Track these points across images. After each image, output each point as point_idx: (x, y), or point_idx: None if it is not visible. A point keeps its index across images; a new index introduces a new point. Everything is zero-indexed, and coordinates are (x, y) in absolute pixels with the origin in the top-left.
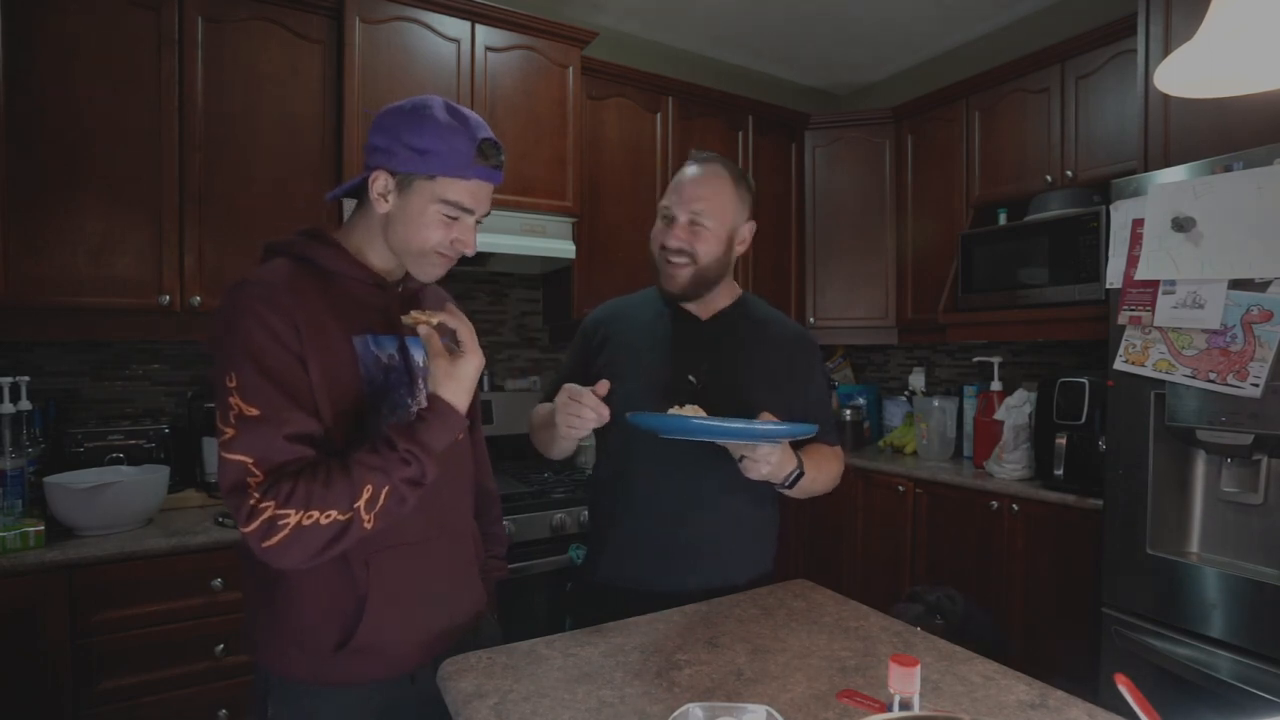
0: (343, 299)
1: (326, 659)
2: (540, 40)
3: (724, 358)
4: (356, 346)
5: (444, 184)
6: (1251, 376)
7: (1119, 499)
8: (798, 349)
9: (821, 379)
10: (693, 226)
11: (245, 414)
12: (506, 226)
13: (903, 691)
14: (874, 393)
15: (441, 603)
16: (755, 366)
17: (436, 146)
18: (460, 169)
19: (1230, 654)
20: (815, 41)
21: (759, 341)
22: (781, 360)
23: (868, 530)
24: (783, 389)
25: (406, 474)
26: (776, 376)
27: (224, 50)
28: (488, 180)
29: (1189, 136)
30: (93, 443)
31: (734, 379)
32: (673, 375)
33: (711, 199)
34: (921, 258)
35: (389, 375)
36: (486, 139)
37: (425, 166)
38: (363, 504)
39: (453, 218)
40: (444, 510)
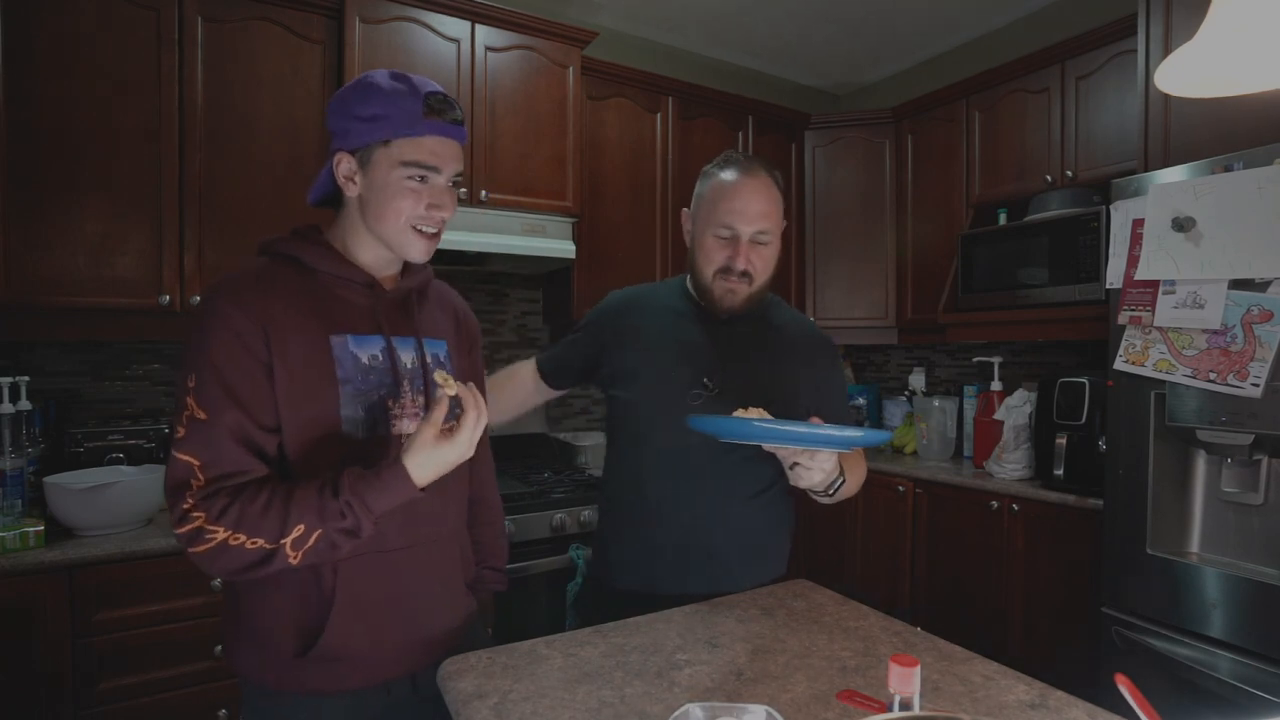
0: (325, 298)
1: (289, 664)
2: (540, 40)
3: (743, 361)
4: (334, 347)
5: (399, 146)
6: (1251, 376)
7: (1119, 499)
8: (818, 353)
9: (841, 379)
10: (759, 246)
11: (196, 416)
12: (506, 226)
13: (903, 691)
14: (874, 393)
15: (419, 615)
16: (775, 370)
17: (384, 110)
18: (411, 126)
19: (1230, 654)
20: (815, 41)
21: (779, 344)
22: (802, 364)
23: (868, 530)
24: (803, 394)
25: (341, 525)
26: (797, 381)
27: (224, 50)
28: (445, 135)
29: (1189, 136)
30: (93, 443)
31: (752, 383)
32: (689, 377)
33: (772, 214)
34: (921, 258)
35: (369, 376)
36: (433, 93)
37: (378, 133)
38: (289, 541)
39: (419, 179)
40: (426, 520)
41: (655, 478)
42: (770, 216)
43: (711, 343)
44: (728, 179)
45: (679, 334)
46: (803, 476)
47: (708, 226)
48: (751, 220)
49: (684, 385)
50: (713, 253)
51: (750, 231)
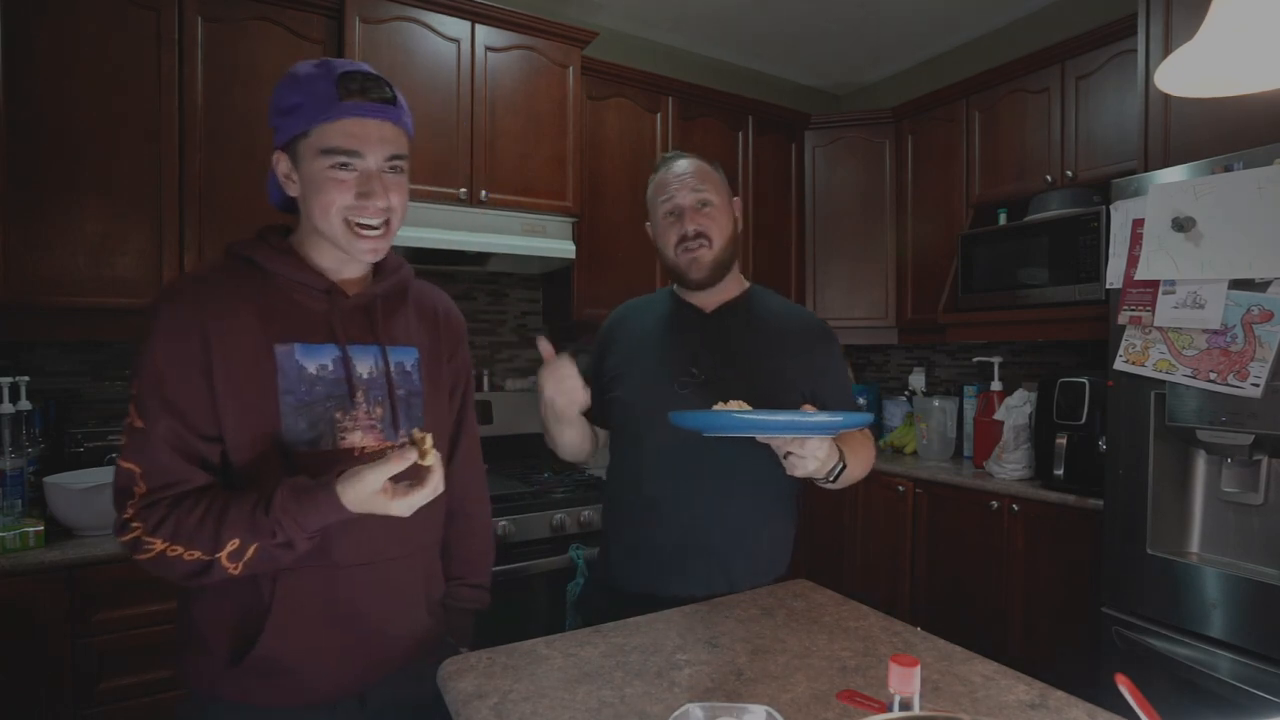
0: (280, 303)
1: (224, 672)
2: (540, 40)
3: (730, 349)
4: (278, 356)
5: (317, 134)
6: (1252, 376)
7: (1119, 499)
8: (810, 338)
9: (840, 365)
10: (703, 209)
11: (134, 424)
12: (506, 226)
13: (903, 691)
14: (874, 393)
15: (371, 633)
16: (763, 358)
17: (300, 99)
18: (325, 110)
19: (1230, 654)
20: (815, 41)
21: (767, 332)
22: (792, 351)
23: (868, 530)
24: (795, 381)
25: (274, 541)
26: (787, 367)
27: (224, 50)
28: (366, 116)
29: (1189, 136)
30: (93, 443)
31: (741, 371)
32: (675, 369)
33: (706, 179)
34: (921, 258)
35: (315, 387)
36: (349, 72)
37: (297, 123)
38: (225, 554)
39: (342, 167)
40: (385, 537)
41: (654, 476)
42: (704, 179)
43: (697, 333)
44: (659, 174)
45: (666, 330)
46: (797, 465)
47: (657, 215)
48: (686, 186)
49: (672, 376)
50: (667, 232)
51: (690, 199)
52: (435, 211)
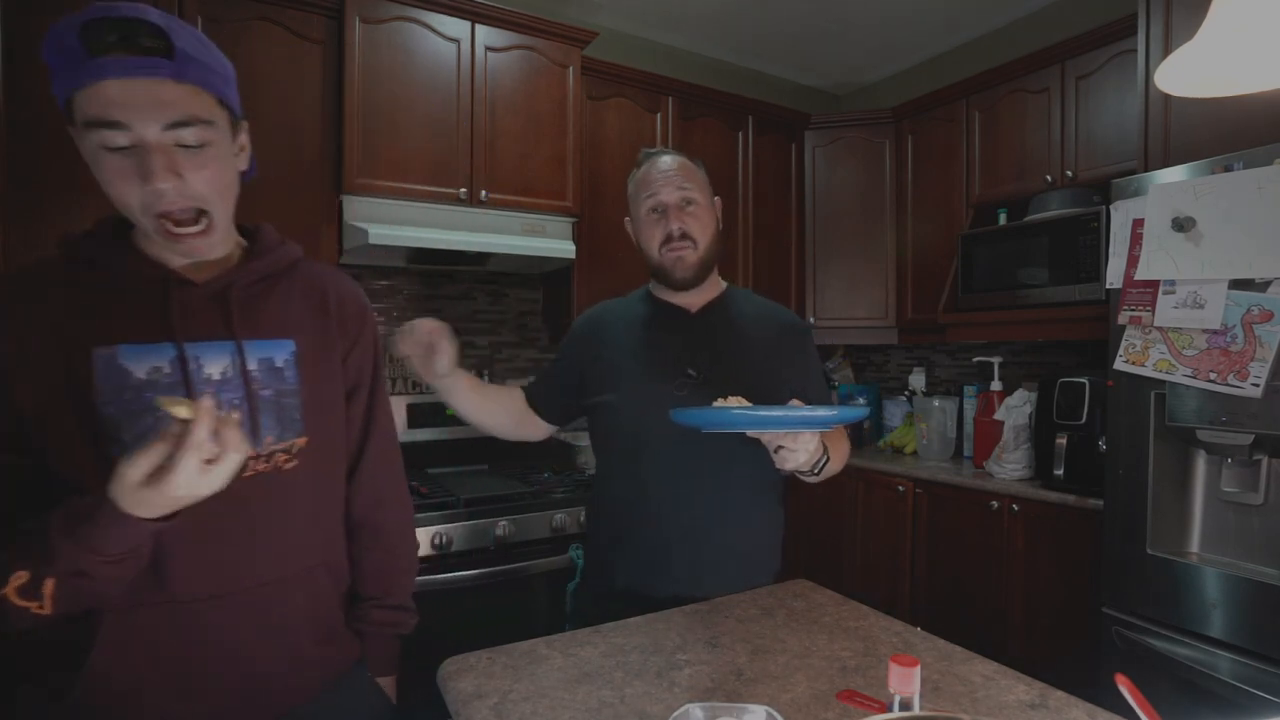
0: (103, 300)
1: (48, 710)
2: (540, 40)
3: (720, 349)
4: (96, 362)
5: (77, 104)
6: (1252, 376)
7: (1119, 499)
8: (791, 335)
9: (817, 362)
10: (687, 207)
11: None
12: (506, 226)
13: (903, 691)
14: (874, 393)
15: (239, 675)
16: (752, 355)
17: (52, 60)
18: (75, 72)
19: (1230, 654)
20: (815, 41)
21: (752, 330)
22: (776, 348)
23: (868, 530)
24: (782, 376)
25: (69, 570)
26: (773, 364)
27: (224, 50)
28: (127, 74)
29: (1189, 136)
30: None
31: (733, 369)
32: (671, 370)
33: (690, 177)
34: (921, 258)
35: (142, 395)
36: (94, 20)
37: (58, 93)
38: (13, 589)
39: (111, 148)
40: (236, 560)
41: (656, 480)
42: (689, 177)
43: (686, 334)
44: (642, 169)
45: (653, 332)
46: (788, 459)
47: (640, 213)
48: (670, 185)
49: (668, 377)
50: (652, 231)
51: (675, 197)
52: (435, 211)
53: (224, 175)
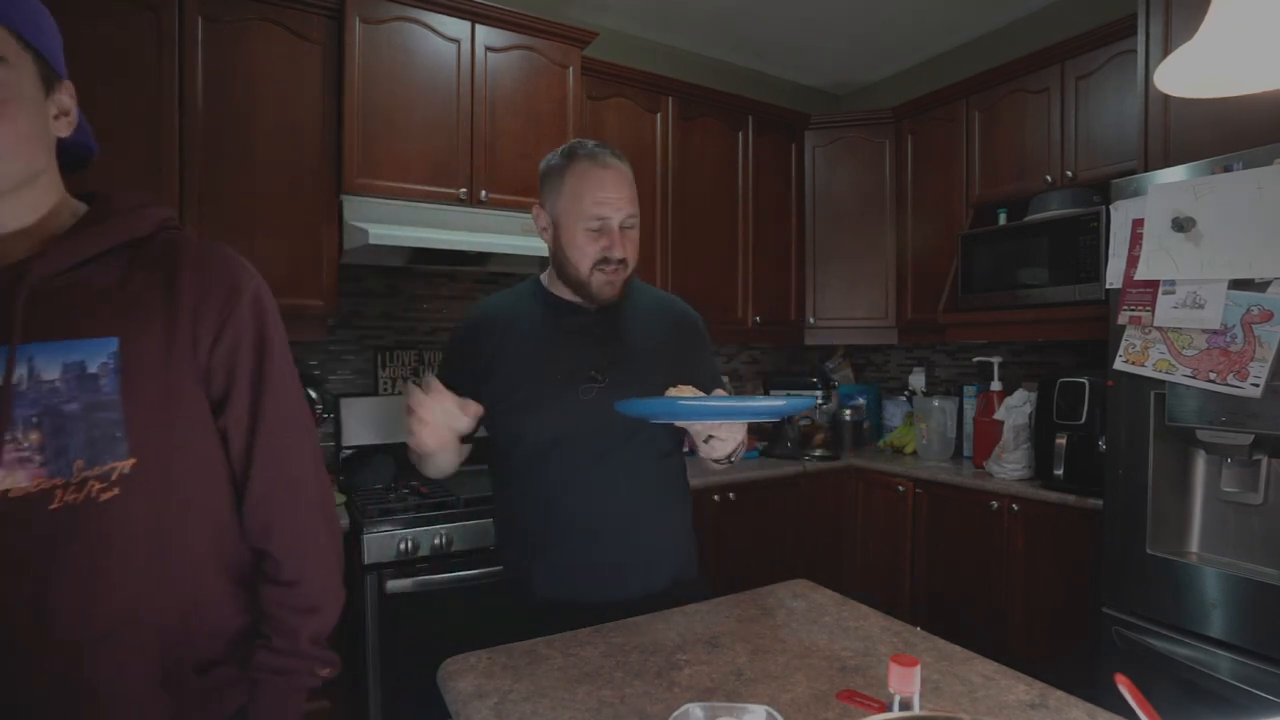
0: None
1: None
2: (540, 40)
3: (622, 347)
4: None
5: None
6: (1251, 376)
7: (1119, 499)
8: (686, 328)
9: (712, 356)
10: (628, 230)
11: None
12: (506, 226)
13: (903, 691)
14: (874, 393)
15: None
16: (653, 351)
17: None
18: None
19: (1230, 654)
20: (815, 41)
21: (650, 325)
22: (674, 341)
23: (868, 530)
24: (681, 370)
25: None
26: (673, 358)
27: (224, 50)
28: None
29: (1189, 136)
30: None
31: (636, 370)
32: (575, 374)
33: (634, 198)
34: (921, 258)
35: None
36: None
37: None
38: None
39: None
40: (38, 614)
41: (565, 485)
42: (634, 201)
43: (588, 335)
44: (586, 170)
45: (553, 334)
46: (716, 448)
47: (576, 220)
48: (620, 207)
49: (573, 381)
50: (586, 246)
51: (619, 218)
52: (435, 211)
53: (20, 126)
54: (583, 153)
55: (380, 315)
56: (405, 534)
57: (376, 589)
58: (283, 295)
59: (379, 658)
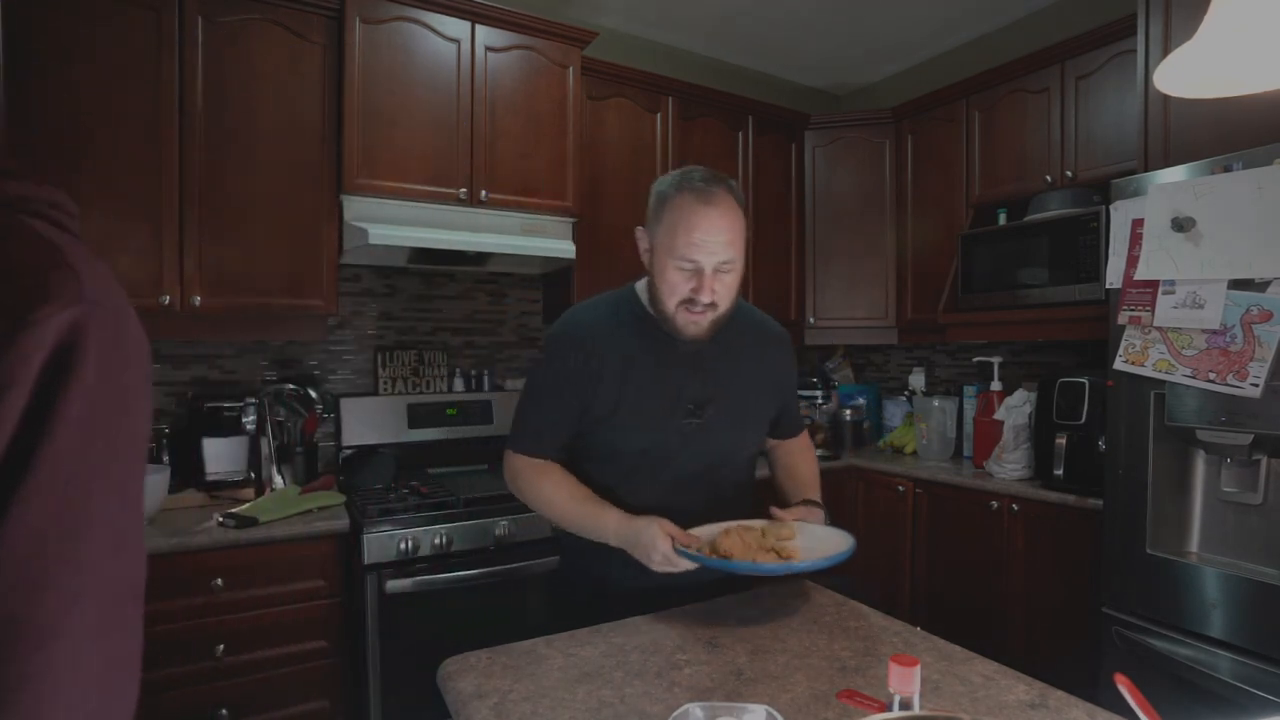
0: None
1: None
2: (540, 40)
3: (721, 376)
4: None
5: None
6: (1251, 376)
7: (1119, 499)
8: (781, 351)
9: (795, 370)
10: (723, 275)
11: None
12: (506, 226)
13: (903, 691)
14: (874, 393)
15: None
16: (751, 379)
17: None
18: None
19: (1230, 654)
20: (815, 41)
21: (749, 351)
22: (771, 366)
23: (868, 530)
24: (775, 395)
25: None
26: (768, 384)
27: (224, 50)
28: None
29: (1189, 136)
30: None
31: (733, 398)
32: (676, 409)
33: (735, 240)
34: (921, 258)
35: None
36: None
37: None
38: None
39: None
40: None
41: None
42: (734, 245)
43: (687, 365)
44: (688, 205)
45: (655, 361)
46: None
47: (669, 257)
48: (715, 251)
49: (673, 416)
50: (676, 285)
51: (714, 263)
52: (435, 211)
53: None
54: (690, 185)
55: (380, 315)
56: (405, 534)
57: (376, 589)
58: (283, 295)
59: (379, 658)
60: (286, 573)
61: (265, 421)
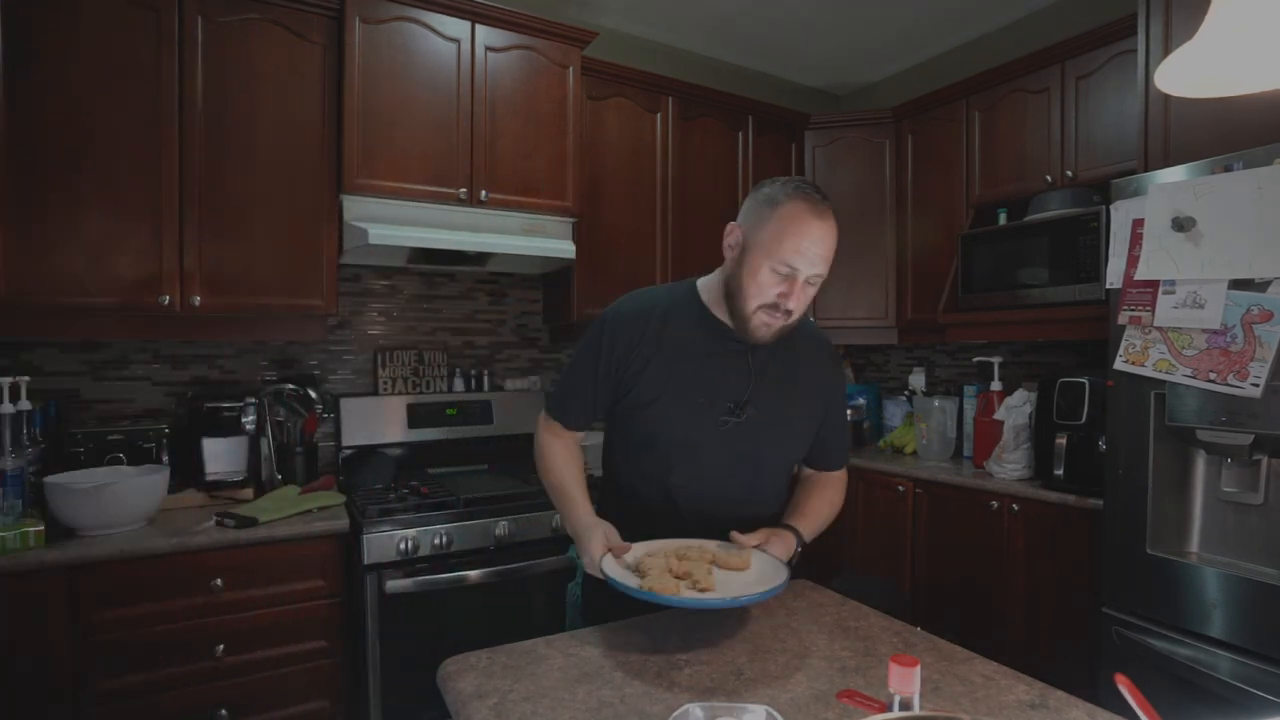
0: None
1: None
2: (540, 40)
3: (767, 381)
4: None
5: None
6: (1251, 376)
7: (1119, 499)
8: (830, 364)
9: (844, 397)
10: (806, 287)
11: None
12: (506, 226)
13: (903, 691)
14: (874, 393)
15: None
16: (796, 388)
17: None
18: None
19: (1230, 654)
20: (815, 41)
21: (796, 360)
22: (817, 377)
23: (868, 530)
24: (820, 409)
25: None
26: (814, 396)
27: (224, 50)
28: None
29: (1189, 136)
30: (93, 443)
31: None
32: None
33: (830, 258)
34: (921, 258)
35: None
36: None
37: None
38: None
39: None
40: None
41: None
42: (829, 262)
43: (735, 366)
44: (800, 214)
45: (706, 357)
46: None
47: (766, 258)
48: (814, 264)
49: (712, 411)
50: (766, 287)
51: (809, 273)
52: (435, 211)
53: None
54: (804, 194)
55: (380, 315)
56: (405, 534)
57: (376, 589)
58: (283, 295)
59: (379, 658)
60: (286, 573)
61: (265, 421)
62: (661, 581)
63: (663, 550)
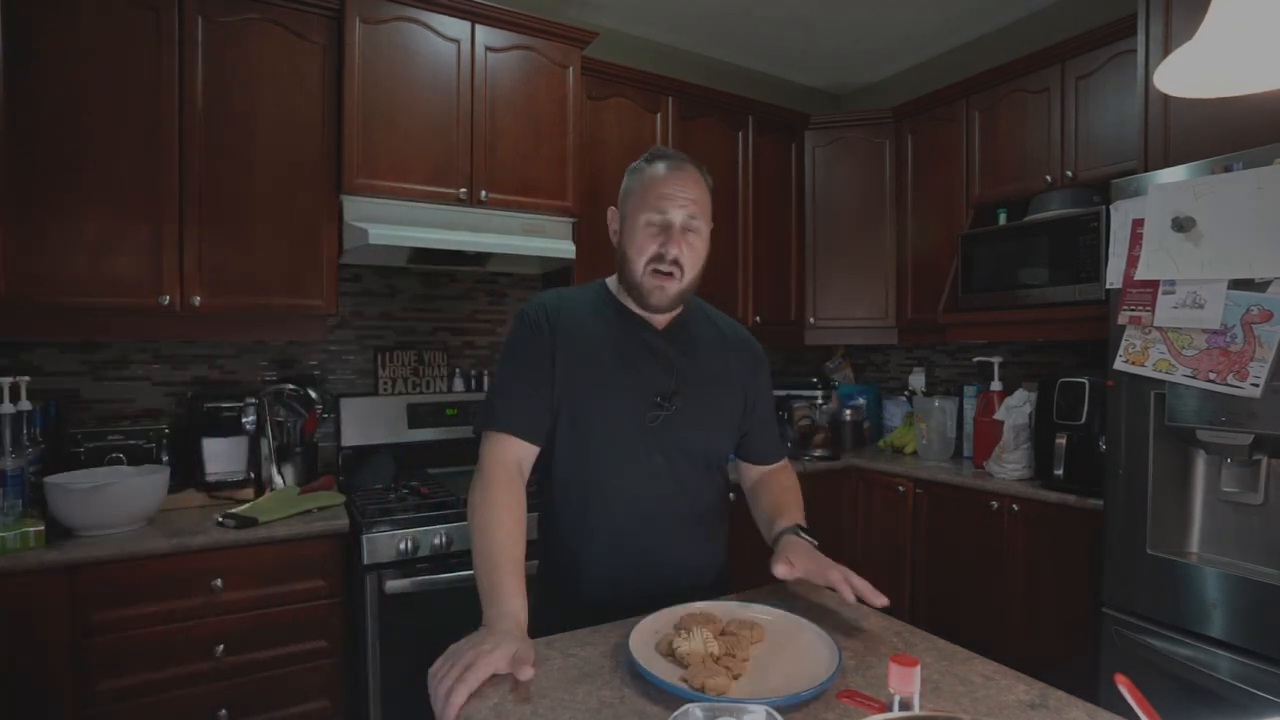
0: None
1: None
2: (540, 40)
3: (687, 371)
4: None
5: None
6: (1251, 376)
7: (1119, 499)
8: (750, 357)
9: (770, 389)
10: (688, 233)
11: None
12: (506, 226)
13: (903, 691)
14: (874, 393)
15: None
16: (716, 378)
17: None
18: None
19: (1230, 654)
20: (815, 41)
21: (715, 350)
22: (737, 368)
23: (868, 530)
24: (742, 400)
25: None
26: (735, 386)
27: (224, 50)
28: None
29: (1189, 136)
30: (93, 443)
31: (700, 393)
32: (643, 401)
33: (702, 204)
34: (921, 258)
35: None
36: None
37: None
38: None
39: None
40: None
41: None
42: (701, 206)
43: (657, 357)
44: (659, 170)
45: (625, 349)
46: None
47: (639, 214)
48: (683, 205)
49: (638, 405)
50: (644, 243)
51: (682, 217)
52: (435, 211)
53: None
54: (662, 154)
55: (380, 315)
56: (405, 534)
57: (376, 589)
58: (283, 295)
59: (379, 657)
60: (286, 573)
61: (265, 421)
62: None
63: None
